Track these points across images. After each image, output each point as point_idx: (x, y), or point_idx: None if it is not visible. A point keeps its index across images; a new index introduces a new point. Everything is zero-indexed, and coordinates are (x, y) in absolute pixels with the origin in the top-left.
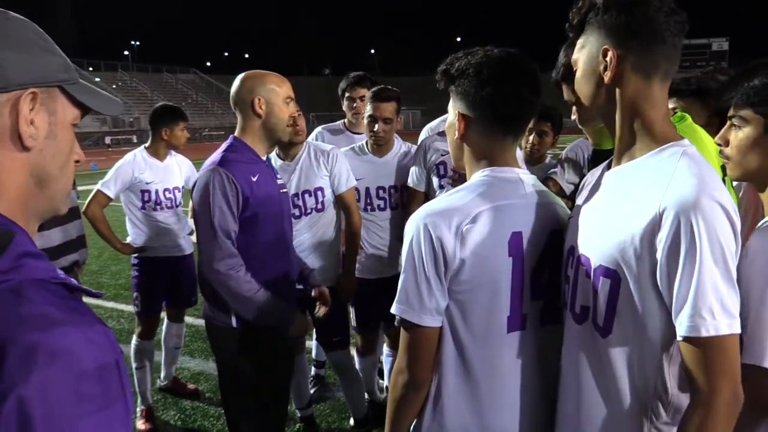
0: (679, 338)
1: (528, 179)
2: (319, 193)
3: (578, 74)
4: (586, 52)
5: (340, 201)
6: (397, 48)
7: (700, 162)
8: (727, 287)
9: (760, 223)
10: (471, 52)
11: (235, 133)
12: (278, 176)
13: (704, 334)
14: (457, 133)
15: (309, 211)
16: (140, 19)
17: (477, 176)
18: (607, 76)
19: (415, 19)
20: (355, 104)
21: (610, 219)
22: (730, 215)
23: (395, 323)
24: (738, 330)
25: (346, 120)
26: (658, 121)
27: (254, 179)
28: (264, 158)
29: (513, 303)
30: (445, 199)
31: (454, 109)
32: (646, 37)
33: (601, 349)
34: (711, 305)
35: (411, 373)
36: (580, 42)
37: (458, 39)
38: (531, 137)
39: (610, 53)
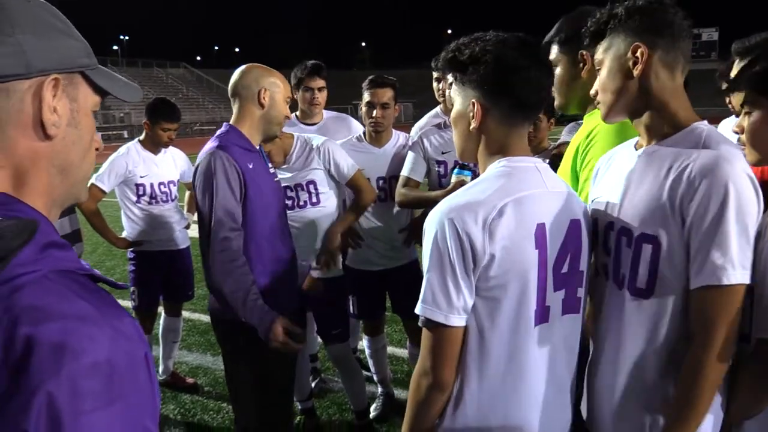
0: (696, 286)
1: (544, 168)
2: (311, 186)
3: (604, 72)
4: (612, 52)
5: (351, 186)
6: (388, 41)
7: (720, 137)
8: (746, 244)
9: None
10: (478, 38)
11: (231, 121)
12: (270, 167)
13: (725, 282)
14: (474, 122)
15: (303, 204)
16: (129, 14)
17: (494, 167)
18: (637, 69)
19: (406, 12)
20: (314, 95)
21: (648, 191)
22: (753, 180)
23: (419, 323)
24: (748, 280)
25: (298, 111)
26: (681, 107)
27: (250, 167)
28: (257, 148)
29: (539, 296)
30: (466, 192)
31: (465, 98)
32: (669, 36)
33: (643, 309)
34: (732, 258)
35: (436, 374)
36: (602, 46)
37: (449, 31)
38: None
39: (640, 49)
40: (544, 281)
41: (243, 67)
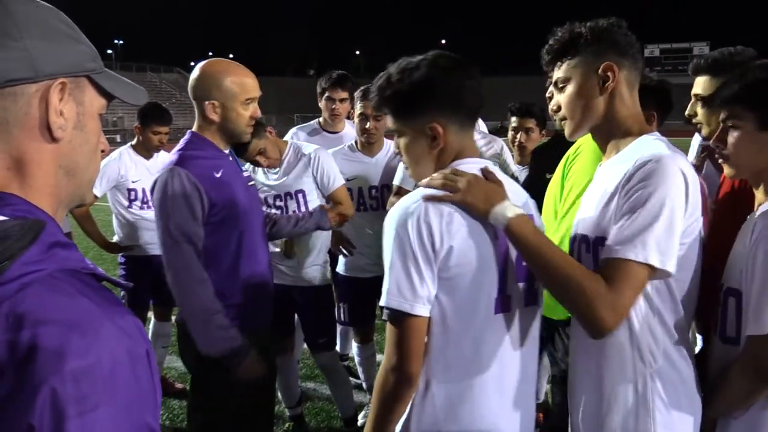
0: (602, 257)
1: (494, 168)
2: (300, 195)
3: (571, 90)
4: (579, 71)
5: (332, 200)
6: (382, 49)
7: (667, 144)
8: (667, 232)
9: (763, 207)
10: (404, 68)
11: (194, 128)
12: (244, 169)
13: (624, 256)
14: (440, 143)
15: (291, 213)
16: (123, 18)
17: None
18: (608, 87)
19: (401, 21)
20: (334, 106)
21: (600, 198)
22: (686, 178)
23: (383, 317)
24: (670, 269)
25: (321, 119)
26: (637, 121)
27: (218, 175)
28: (227, 152)
29: (499, 285)
30: (425, 189)
31: (418, 125)
32: (632, 55)
33: None
34: (644, 240)
35: (404, 368)
36: (568, 64)
37: (443, 41)
38: (518, 136)
39: (613, 67)
40: (503, 271)
41: (198, 68)
